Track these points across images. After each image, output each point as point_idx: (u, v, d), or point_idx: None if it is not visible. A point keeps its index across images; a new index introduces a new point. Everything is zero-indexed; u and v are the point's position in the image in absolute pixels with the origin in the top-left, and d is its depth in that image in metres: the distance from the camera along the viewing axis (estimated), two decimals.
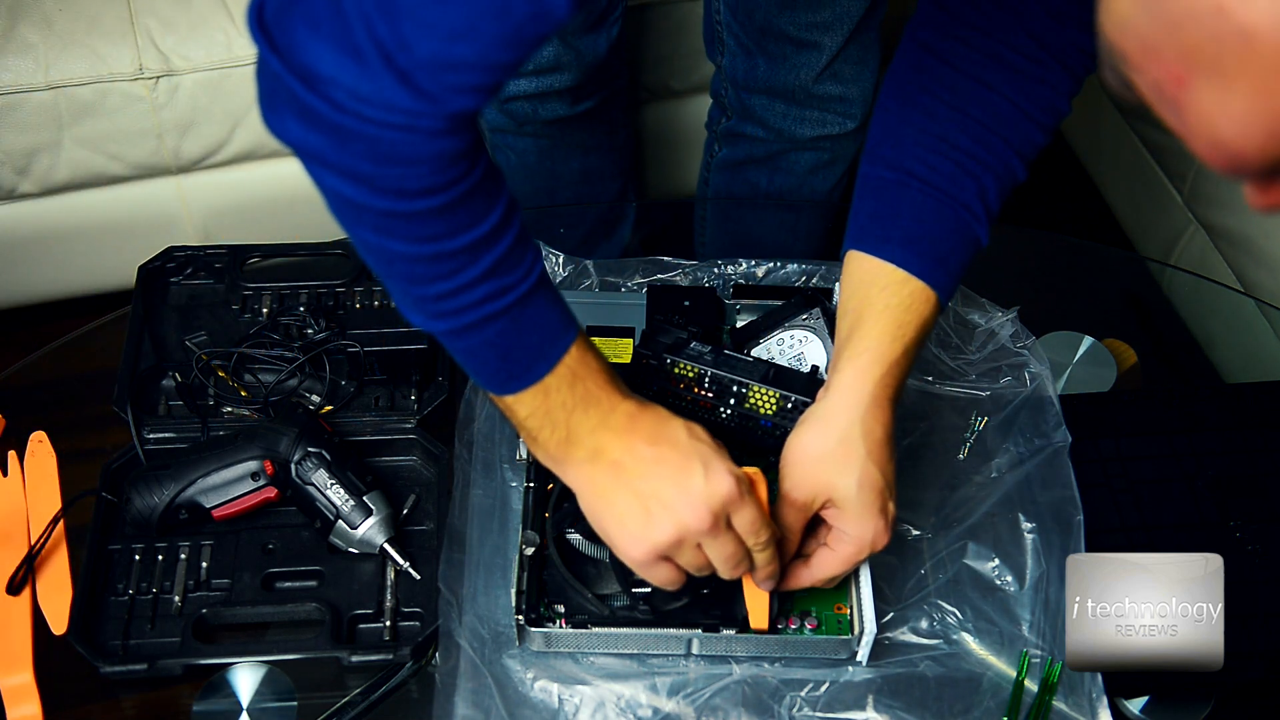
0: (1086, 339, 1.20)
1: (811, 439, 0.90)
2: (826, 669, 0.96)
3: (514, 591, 0.95)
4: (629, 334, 1.12)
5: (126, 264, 1.25)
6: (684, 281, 1.20)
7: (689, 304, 1.12)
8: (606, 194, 1.70)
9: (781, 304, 1.10)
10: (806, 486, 0.89)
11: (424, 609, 1.00)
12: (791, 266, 1.20)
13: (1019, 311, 1.16)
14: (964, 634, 0.99)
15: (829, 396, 0.90)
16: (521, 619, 0.93)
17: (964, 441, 1.10)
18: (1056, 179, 2.13)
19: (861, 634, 0.94)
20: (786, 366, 1.03)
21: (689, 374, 1.01)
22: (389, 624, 1.00)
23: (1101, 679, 0.96)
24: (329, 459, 1.02)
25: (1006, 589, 1.01)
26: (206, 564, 1.02)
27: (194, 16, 1.69)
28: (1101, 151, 2.08)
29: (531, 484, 1.00)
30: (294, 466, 1.02)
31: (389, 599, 1.01)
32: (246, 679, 0.97)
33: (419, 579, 1.01)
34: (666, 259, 1.21)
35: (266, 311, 1.17)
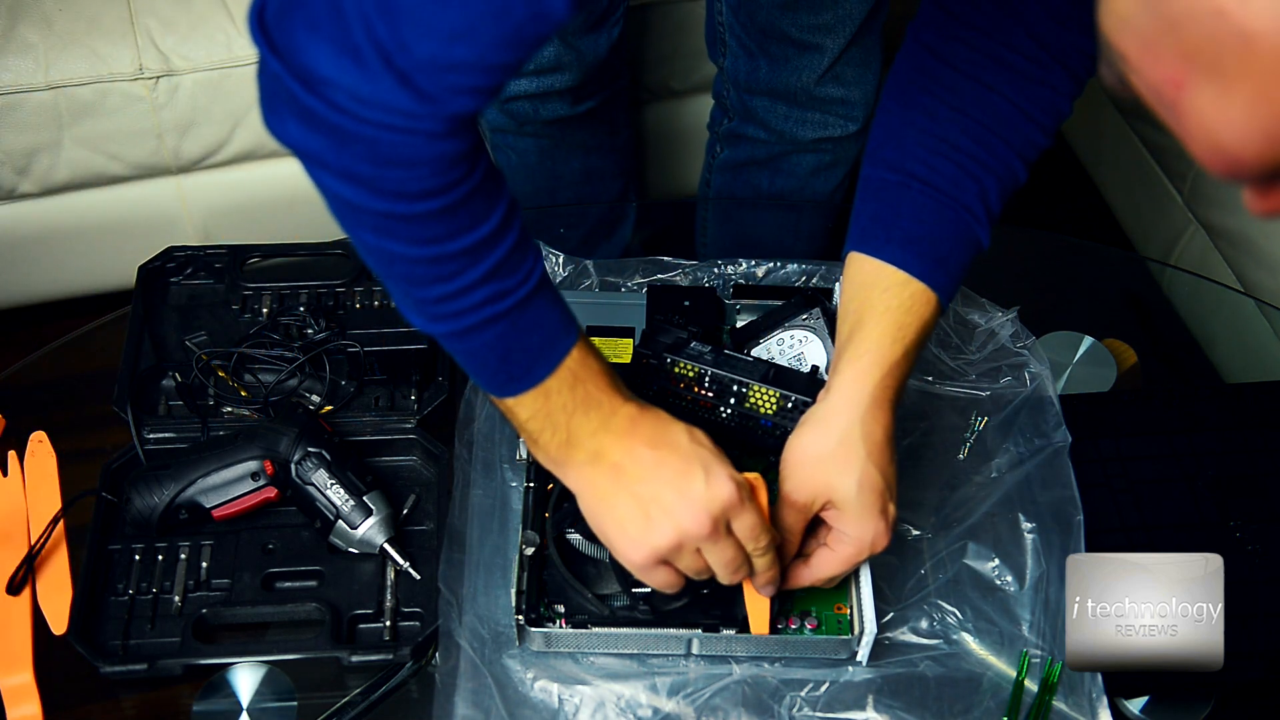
0: (1086, 339, 1.20)
1: (812, 440, 0.90)
2: (826, 669, 0.96)
3: (514, 591, 0.95)
4: (629, 334, 1.12)
5: (126, 264, 1.25)
6: (684, 281, 1.19)
7: (689, 304, 1.12)
8: (607, 194, 1.70)
9: (781, 304, 1.10)
10: (807, 488, 0.89)
11: (424, 609, 1.00)
12: (792, 266, 1.20)
13: (1019, 311, 1.16)
14: (964, 634, 0.99)
15: (829, 398, 0.90)
16: (521, 619, 0.93)
17: (964, 441, 1.10)
18: (1056, 179, 2.13)
19: (861, 634, 0.94)
20: (787, 366, 1.03)
21: (689, 374, 1.01)
22: (389, 624, 1.00)
23: (1101, 679, 0.96)
24: (329, 459, 1.02)
25: (1006, 589, 1.01)
26: (206, 564, 1.02)
27: (194, 16, 1.69)
28: (1101, 151, 2.08)
29: (531, 484, 1.00)
30: (294, 466, 1.02)
31: (389, 599, 1.01)
32: (246, 679, 0.97)
33: (419, 579, 1.01)
34: (667, 259, 1.21)
35: (266, 311, 1.17)
